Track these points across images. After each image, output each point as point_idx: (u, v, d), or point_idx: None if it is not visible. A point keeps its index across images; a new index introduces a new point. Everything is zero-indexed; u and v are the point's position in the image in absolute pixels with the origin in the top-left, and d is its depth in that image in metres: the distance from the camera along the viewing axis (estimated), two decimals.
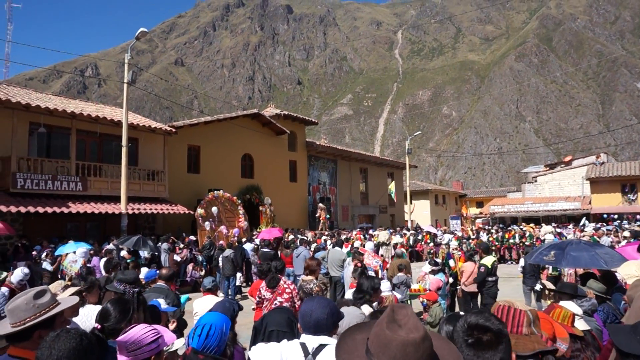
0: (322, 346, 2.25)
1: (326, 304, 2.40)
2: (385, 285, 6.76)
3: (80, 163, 15.52)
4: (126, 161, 14.98)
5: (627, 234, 14.82)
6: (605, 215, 30.05)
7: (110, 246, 12.30)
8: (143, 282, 6.63)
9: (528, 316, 1.97)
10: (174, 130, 18.99)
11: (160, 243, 14.30)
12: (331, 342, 2.28)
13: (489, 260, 8.71)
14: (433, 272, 8.32)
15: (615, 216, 30.71)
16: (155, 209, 16.95)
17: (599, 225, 23.06)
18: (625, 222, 26.21)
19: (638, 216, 28.80)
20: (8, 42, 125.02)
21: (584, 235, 16.17)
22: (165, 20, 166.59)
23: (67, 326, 2.37)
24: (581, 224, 24.98)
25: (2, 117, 13.85)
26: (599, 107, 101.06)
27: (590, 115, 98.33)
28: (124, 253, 11.94)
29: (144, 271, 7.62)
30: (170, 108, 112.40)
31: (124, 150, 14.89)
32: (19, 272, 5.95)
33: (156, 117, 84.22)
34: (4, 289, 5.62)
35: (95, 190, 15.70)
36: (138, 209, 16.21)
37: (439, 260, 9.97)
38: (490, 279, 8.49)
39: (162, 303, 3.77)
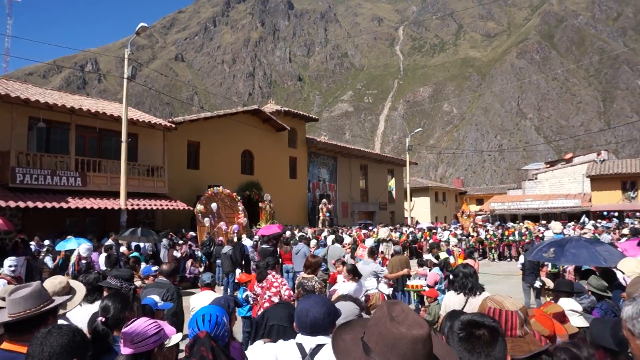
0: (319, 346, 2.19)
1: (322, 302, 2.34)
2: (370, 283, 6.58)
3: (80, 158, 15.48)
4: (126, 157, 14.95)
5: (626, 231, 14.75)
6: (605, 213, 30.03)
7: (110, 242, 12.28)
8: (142, 277, 6.65)
9: (520, 317, 1.92)
10: (173, 126, 18.95)
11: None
12: (329, 342, 2.23)
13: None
14: (429, 264, 8.43)
15: (616, 213, 30.70)
16: (155, 205, 16.93)
17: (604, 223, 22.99)
18: (630, 220, 26.17)
19: (638, 214, 28.76)
20: (8, 37, 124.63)
21: (584, 233, 16.12)
22: (165, 16, 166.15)
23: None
24: (581, 221, 24.96)
25: (2, 111, 13.82)
26: (600, 104, 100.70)
27: (591, 113, 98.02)
28: (123, 249, 11.94)
29: (144, 267, 7.62)
30: (170, 104, 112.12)
31: (123, 146, 14.87)
32: (7, 262, 6.03)
33: (156, 113, 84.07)
34: (2, 281, 5.69)
35: (95, 185, 15.67)
36: (137, 205, 16.19)
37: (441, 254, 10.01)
38: None
39: (158, 300, 3.74)
